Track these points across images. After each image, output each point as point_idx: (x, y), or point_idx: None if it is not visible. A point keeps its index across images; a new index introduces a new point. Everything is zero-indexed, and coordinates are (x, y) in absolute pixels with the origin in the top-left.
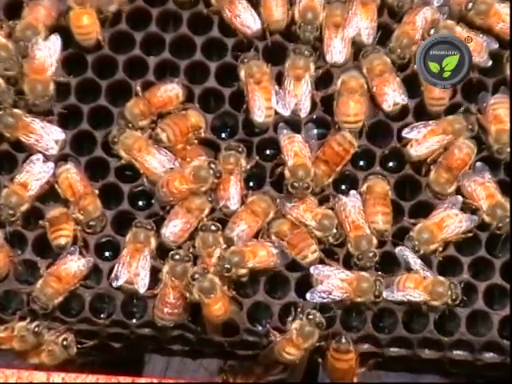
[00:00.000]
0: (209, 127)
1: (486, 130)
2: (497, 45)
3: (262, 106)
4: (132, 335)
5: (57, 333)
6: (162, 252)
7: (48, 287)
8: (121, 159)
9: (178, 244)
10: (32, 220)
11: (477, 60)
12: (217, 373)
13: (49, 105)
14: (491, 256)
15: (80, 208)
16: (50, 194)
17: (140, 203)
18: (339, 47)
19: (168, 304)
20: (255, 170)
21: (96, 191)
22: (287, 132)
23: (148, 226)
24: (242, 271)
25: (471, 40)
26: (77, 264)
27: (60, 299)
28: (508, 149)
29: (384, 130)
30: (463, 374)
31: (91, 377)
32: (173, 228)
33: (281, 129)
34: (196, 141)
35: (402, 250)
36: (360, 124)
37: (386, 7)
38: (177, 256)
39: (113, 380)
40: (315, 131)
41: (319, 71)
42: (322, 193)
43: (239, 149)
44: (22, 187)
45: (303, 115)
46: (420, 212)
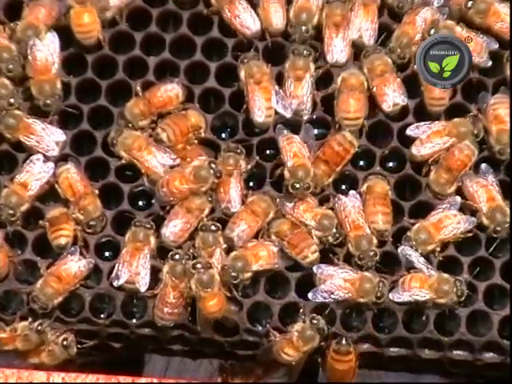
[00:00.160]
0: (209, 127)
1: (487, 131)
2: (497, 45)
3: (262, 106)
4: (132, 335)
5: (57, 333)
6: (162, 252)
7: (48, 287)
8: (121, 159)
9: (178, 244)
10: (32, 220)
11: (477, 60)
12: (217, 373)
13: (60, 103)
14: (491, 256)
15: (80, 208)
16: (50, 194)
17: (140, 203)
18: (340, 46)
19: (168, 304)
20: (255, 170)
21: (96, 191)
22: (285, 133)
23: (147, 225)
24: (248, 275)
25: (471, 40)
26: (77, 264)
27: (60, 299)
28: (509, 149)
29: (384, 130)
30: (463, 374)
31: (91, 377)
32: (173, 228)
33: (279, 130)
34: (196, 141)
35: (405, 250)
36: (360, 121)
37: (386, 7)
38: (177, 256)
39: (113, 380)
40: (314, 131)
41: (319, 71)
42: (322, 193)
43: (238, 150)
44: (22, 187)
45: (306, 116)
46: (420, 212)
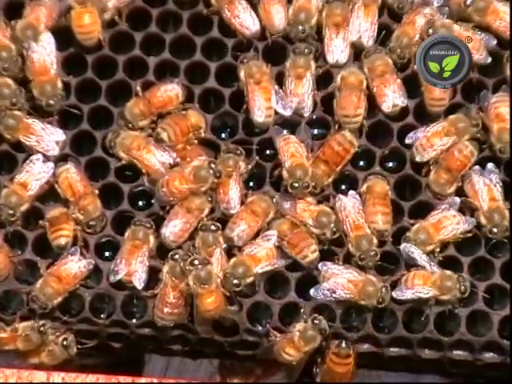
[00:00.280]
0: (209, 127)
1: (488, 129)
2: (495, 41)
3: (262, 106)
4: (132, 335)
5: (57, 333)
6: (162, 252)
7: (48, 287)
8: (121, 160)
9: (178, 244)
10: (32, 220)
11: (476, 57)
12: (217, 373)
13: (62, 102)
14: (491, 256)
15: (80, 208)
16: (50, 194)
17: (140, 203)
18: (341, 47)
19: (168, 304)
20: (255, 170)
21: (96, 191)
22: (282, 134)
23: (147, 224)
24: (250, 279)
25: (471, 40)
26: (78, 265)
27: (59, 299)
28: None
29: (384, 130)
30: (463, 374)
31: (91, 377)
32: (173, 228)
33: (276, 130)
34: (196, 141)
35: (407, 247)
36: (359, 119)
37: (386, 7)
38: (177, 256)
39: (113, 380)
40: (312, 131)
41: (319, 70)
42: (322, 193)
43: (237, 152)
44: (22, 187)
45: (306, 114)
46: (420, 212)
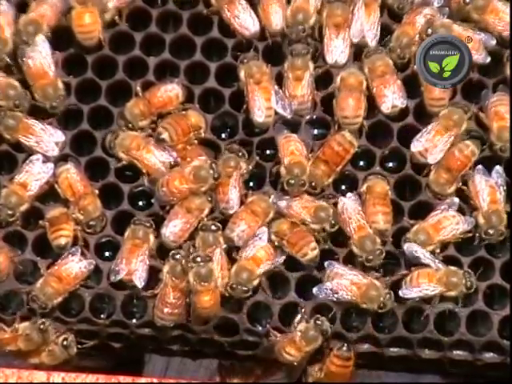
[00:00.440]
0: (209, 127)
1: (488, 128)
2: (494, 41)
3: (262, 106)
4: (132, 335)
5: (57, 333)
6: (162, 252)
7: (48, 287)
8: (120, 161)
9: (178, 244)
10: (32, 220)
11: (475, 57)
12: (217, 373)
13: (65, 103)
14: (491, 256)
15: (80, 208)
16: (50, 194)
17: (140, 203)
18: (341, 47)
19: (168, 304)
20: (255, 170)
21: (96, 191)
22: (284, 132)
23: (147, 224)
24: (256, 282)
25: (471, 40)
26: (78, 265)
27: (59, 299)
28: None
29: (384, 130)
30: (463, 374)
31: (91, 377)
32: (173, 228)
33: (278, 129)
34: (196, 141)
35: (411, 246)
36: (359, 119)
37: (386, 8)
38: (177, 256)
39: (113, 380)
40: (313, 131)
41: (319, 70)
42: (322, 193)
43: (240, 153)
44: (22, 187)
45: (307, 116)
46: (420, 212)
